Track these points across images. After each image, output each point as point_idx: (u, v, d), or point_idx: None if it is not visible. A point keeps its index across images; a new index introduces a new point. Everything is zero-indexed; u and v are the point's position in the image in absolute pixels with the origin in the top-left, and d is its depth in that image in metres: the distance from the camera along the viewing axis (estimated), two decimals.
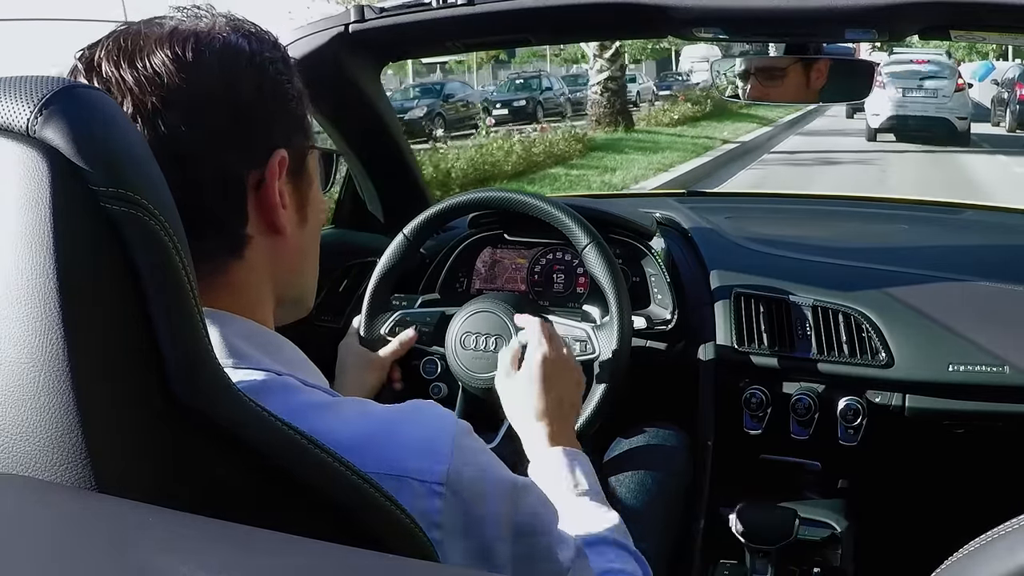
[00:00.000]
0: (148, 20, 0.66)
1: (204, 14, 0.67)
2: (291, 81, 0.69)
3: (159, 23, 0.65)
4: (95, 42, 0.64)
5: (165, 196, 0.49)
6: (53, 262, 0.43)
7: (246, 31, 0.67)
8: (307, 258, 0.74)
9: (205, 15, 0.67)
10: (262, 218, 0.66)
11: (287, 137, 0.67)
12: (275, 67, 0.67)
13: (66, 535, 0.40)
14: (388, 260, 1.33)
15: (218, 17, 0.67)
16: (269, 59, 0.66)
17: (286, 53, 0.70)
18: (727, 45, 17.89)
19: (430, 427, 0.64)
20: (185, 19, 0.66)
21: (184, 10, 0.67)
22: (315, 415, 0.59)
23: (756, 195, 2.62)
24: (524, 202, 1.27)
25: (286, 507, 0.52)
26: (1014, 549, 0.40)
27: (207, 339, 0.50)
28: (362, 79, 1.45)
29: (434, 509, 0.60)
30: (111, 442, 0.45)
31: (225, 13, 0.68)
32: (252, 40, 0.66)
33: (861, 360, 1.29)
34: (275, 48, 0.68)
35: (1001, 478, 1.46)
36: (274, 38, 0.70)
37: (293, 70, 0.70)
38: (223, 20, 0.67)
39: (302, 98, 0.70)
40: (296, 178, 0.69)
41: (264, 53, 0.66)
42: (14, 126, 0.45)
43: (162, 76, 0.60)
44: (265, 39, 0.68)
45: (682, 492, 1.32)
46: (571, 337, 1.23)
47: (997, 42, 5.03)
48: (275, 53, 0.68)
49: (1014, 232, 1.81)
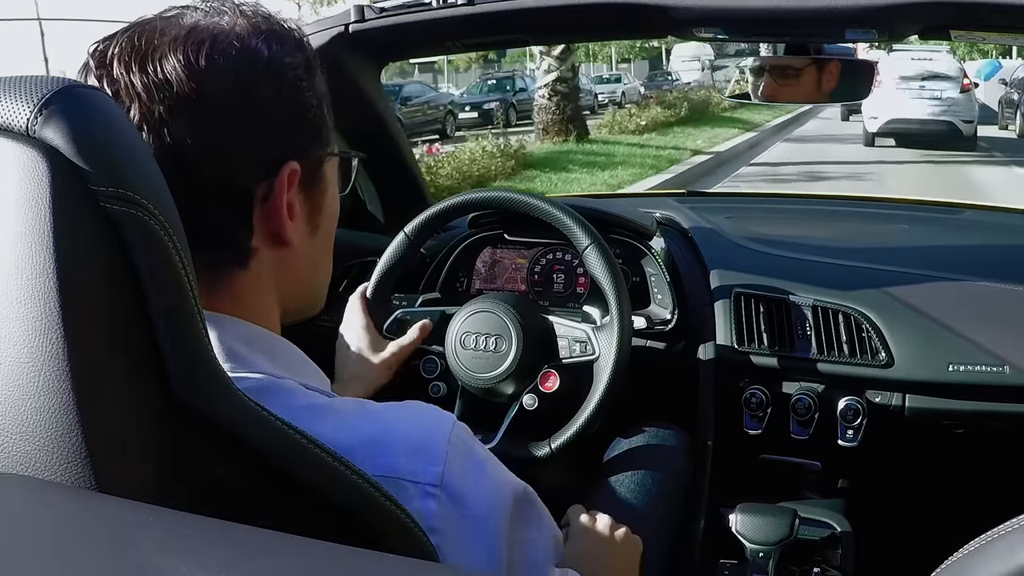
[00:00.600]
0: (167, 13, 0.63)
1: (225, 9, 0.64)
2: (312, 87, 0.66)
3: (178, 18, 0.62)
4: (110, 36, 0.61)
5: (165, 196, 0.49)
6: (53, 262, 0.43)
7: (267, 32, 0.63)
8: (317, 267, 0.72)
9: (226, 10, 0.63)
10: (268, 230, 0.64)
11: (302, 148, 0.65)
12: (295, 73, 0.64)
13: (66, 535, 0.40)
14: (389, 259, 1.33)
15: (239, 14, 0.63)
16: (290, 64, 0.63)
17: (310, 54, 0.67)
18: (720, 45, 17.23)
19: (425, 428, 0.63)
20: (205, 14, 0.63)
21: (207, 2, 0.64)
22: (312, 418, 0.58)
23: (756, 195, 2.63)
24: (525, 202, 1.27)
25: (286, 507, 0.52)
26: (1014, 549, 0.40)
27: (207, 339, 0.50)
28: (362, 79, 1.45)
29: (428, 511, 0.59)
30: (111, 442, 0.45)
31: (248, 6, 0.65)
32: (272, 43, 0.63)
33: (861, 360, 1.29)
34: (298, 50, 0.65)
35: (1001, 478, 1.46)
36: (298, 37, 0.66)
37: (316, 73, 0.67)
38: (244, 18, 0.63)
39: (322, 104, 0.67)
40: (309, 188, 0.67)
41: (284, 58, 0.63)
42: (14, 126, 0.45)
43: (172, 83, 0.58)
44: (287, 40, 0.65)
45: (682, 492, 1.31)
46: (571, 338, 1.23)
47: (997, 42, 5.03)
48: (296, 57, 0.64)
49: (1014, 232, 1.81)
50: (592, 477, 1.32)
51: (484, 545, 0.63)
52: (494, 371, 1.22)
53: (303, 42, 0.67)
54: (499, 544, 0.64)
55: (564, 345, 1.24)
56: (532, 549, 0.69)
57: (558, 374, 1.23)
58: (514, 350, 1.21)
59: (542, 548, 0.70)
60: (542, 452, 1.20)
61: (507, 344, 1.22)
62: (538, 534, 0.70)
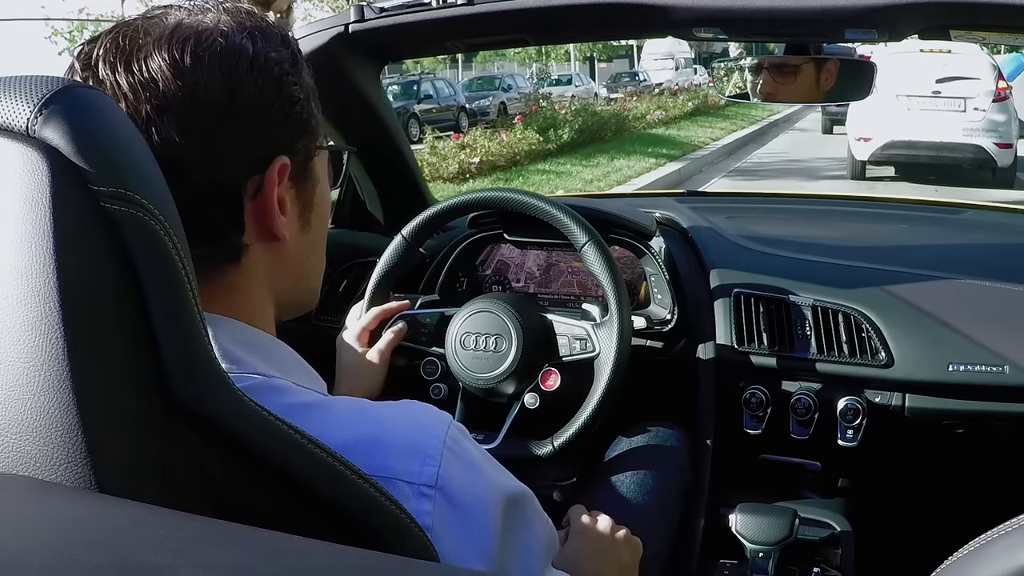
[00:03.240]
0: (151, 13, 0.63)
1: (209, 7, 0.64)
2: (299, 82, 0.65)
3: (161, 17, 0.62)
4: (95, 37, 0.62)
5: (165, 196, 0.49)
6: (53, 262, 0.43)
7: (251, 28, 0.63)
8: (310, 261, 0.72)
9: (210, 8, 0.64)
10: (260, 226, 0.64)
11: (290, 143, 0.65)
12: (280, 68, 0.64)
13: (66, 535, 0.39)
14: (387, 261, 1.33)
15: (222, 11, 0.64)
16: (275, 59, 0.63)
17: (296, 49, 0.67)
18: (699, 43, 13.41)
19: (421, 428, 0.62)
20: (189, 12, 0.63)
21: (190, 1, 0.64)
22: (306, 417, 0.58)
23: (756, 195, 2.62)
24: (523, 202, 1.27)
25: (286, 507, 0.52)
26: (1014, 549, 0.40)
27: (207, 339, 0.50)
28: (362, 79, 1.46)
29: (423, 511, 0.59)
30: (111, 442, 0.45)
31: (233, 5, 0.65)
32: (257, 39, 0.63)
33: (861, 360, 1.29)
34: (283, 45, 0.65)
35: (1001, 478, 1.46)
36: (283, 33, 0.66)
37: (302, 68, 0.67)
38: (227, 15, 0.63)
39: (310, 99, 0.67)
40: (299, 183, 0.67)
41: (269, 53, 0.63)
42: (14, 126, 0.45)
43: (158, 82, 0.58)
44: (272, 35, 0.65)
45: (682, 492, 1.32)
46: (571, 335, 1.23)
47: (998, 42, 5.00)
48: (282, 52, 0.64)
49: (1014, 232, 1.81)
50: (592, 476, 1.32)
51: (479, 545, 0.63)
52: (495, 371, 1.22)
53: (288, 37, 0.67)
54: (494, 544, 0.63)
55: (564, 343, 1.24)
56: (527, 550, 0.68)
57: (559, 372, 1.23)
58: (514, 349, 1.21)
59: (538, 549, 0.70)
60: (544, 451, 1.20)
61: (507, 343, 1.22)
62: (534, 535, 0.70)
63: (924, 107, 8.05)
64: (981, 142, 7.90)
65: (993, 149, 7.89)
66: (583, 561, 0.94)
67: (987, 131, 7.93)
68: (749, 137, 13.83)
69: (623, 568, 0.99)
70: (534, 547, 0.69)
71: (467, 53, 7.73)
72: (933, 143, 7.95)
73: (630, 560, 1.01)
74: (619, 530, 1.01)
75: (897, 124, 7.99)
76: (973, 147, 7.91)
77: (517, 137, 10.22)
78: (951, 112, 8.00)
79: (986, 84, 8.07)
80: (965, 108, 8.00)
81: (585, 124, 11.95)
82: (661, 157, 10.77)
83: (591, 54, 26.82)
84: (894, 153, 8.20)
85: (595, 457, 1.35)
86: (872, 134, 8.16)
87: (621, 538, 1.00)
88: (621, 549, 1.00)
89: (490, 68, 28.10)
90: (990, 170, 8.03)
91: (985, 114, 7.96)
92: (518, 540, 0.67)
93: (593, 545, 0.97)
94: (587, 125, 12.01)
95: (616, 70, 32.56)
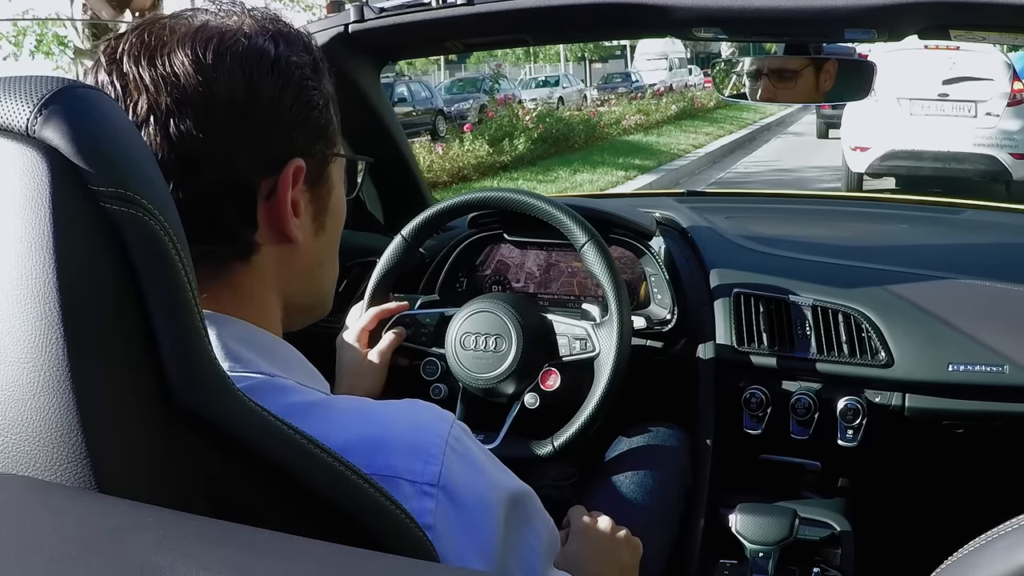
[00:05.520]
0: (178, 14, 0.64)
1: (235, 11, 0.65)
2: (318, 87, 0.67)
3: (187, 18, 0.63)
4: (121, 34, 0.63)
5: (165, 196, 0.49)
6: (53, 262, 0.43)
7: (275, 32, 0.65)
8: (322, 266, 0.72)
9: (236, 12, 0.65)
10: (272, 227, 0.65)
11: (307, 146, 0.66)
12: (301, 72, 0.65)
13: (66, 535, 0.39)
14: (387, 261, 1.33)
15: (247, 15, 0.65)
16: (296, 64, 0.64)
17: (318, 56, 0.68)
18: (694, 42, 11.84)
19: (423, 427, 0.63)
20: (215, 15, 0.64)
21: (217, 3, 0.66)
22: (308, 416, 0.58)
23: (756, 195, 2.62)
24: (523, 202, 1.27)
25: (286, 507, 0.52)
26: (1014, 549, 0.40)
27: (207, 339, 0.50)
28: (362, 79, 1.46)
29: (426, 510, 0.59)
30: (111, 442, 0.45)
31: (258, 10, 0.66)
32: (280, 42, 0.64)
33: (861, 360, 1.29)
34: (305, 50, 0.66)
35: (1001, 478, 1.46)
36: (306, 39, 0.67)
37: (322, 74, 0.68)
38: (252, 19, 0.65)
39: (328, 105, 0.68)
40: (314, 187, 0.68)
41: (291, 57, 0.64)
42: (14, 126, 0.45)
43: (179, 77, 0.59)
44: (295, 40, 0.66)
45: (682, 492, 1.32)
46: (571, 335, 1.23)
47: (997, 42, 4.98)
48: (303, 57, 0.66)
49: (1014, 232, 1.81)
50: (593, 476, 1.32)
51: (481, 544, 0.63)
52: (495, 371, 1.22)
53: (310, 44, 0.68)
54: (496, 543, 0.64)
55: (564, 343, 1.24)
56: (529, 549, 0.68)
57: (559, 372, 1.23)
58: (514, 349, 1.21)
59: (540, 548, 0.70)
60: (545, 451, 1.20)
61: (507, 343, 1.22)
62: (536, 534, 0.70)
63: (929, 112, 6.93)
64: (994, 152, 6.75)
65: (1008, 160, 6.71)
66: (583, 561, 0.94)
67: (1001, 139, 6.76)
68: (737, 143, 12.70)
69: (623, 568, 1.00)
70: (536, 546, 0.69)
71: (465, 53, 9.51)
72: (939, 153, 6.82)
73: (630, 560, 1.01)
74: (619, 530, 1.01)
75: (898, 132, 6.90)
76: (985, 158, 6.78)
77: (464, 149, 9.12)
78: (960, 117, 6.85)
79: (1000, 85, 6.83)
80: (976, 113, 6.83)
81: (547, 132, 10.61)
82: (632, 169, 9.61)
83: (584, 54, 26.40)
84: (895, 164, 7.11)
85: (595, 457, 1.35)
86: (870, 143, 7.07)
87: (621, 538, 1.01)
88: (621, 549, 1.00)
89: (483, 69, 27.67)
90: (1004, 183, 6.90)
91: (999, 120, 6.76)
92: (520, 539, 0.67)
93: (593, 545, 0.97)
94: (549, 133, 10.64)
95: (611, 70, 32.07)
